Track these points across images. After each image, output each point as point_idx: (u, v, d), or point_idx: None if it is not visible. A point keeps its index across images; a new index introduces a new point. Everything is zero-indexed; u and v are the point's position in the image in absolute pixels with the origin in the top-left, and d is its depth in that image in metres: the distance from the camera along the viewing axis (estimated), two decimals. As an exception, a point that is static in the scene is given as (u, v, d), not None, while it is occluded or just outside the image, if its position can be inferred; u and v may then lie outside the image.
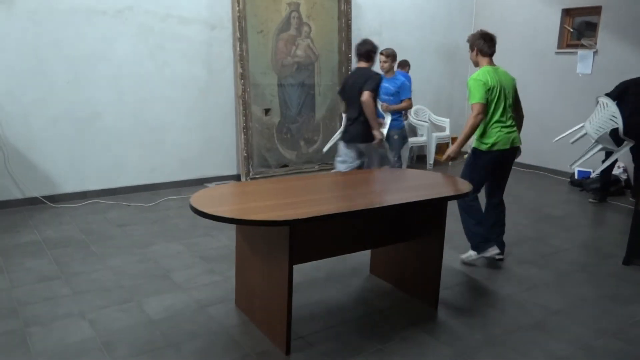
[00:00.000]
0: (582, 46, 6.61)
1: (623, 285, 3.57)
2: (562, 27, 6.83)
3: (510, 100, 3.60)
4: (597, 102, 5.32)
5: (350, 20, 6.54)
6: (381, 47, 7.05)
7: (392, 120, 5.27)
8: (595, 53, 6.45)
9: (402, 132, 5.38)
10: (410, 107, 5.56)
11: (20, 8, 4.63)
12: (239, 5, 5.64)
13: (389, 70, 5.28)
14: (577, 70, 6.66)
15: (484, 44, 3.58)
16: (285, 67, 6.11)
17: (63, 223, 4.42)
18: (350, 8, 6.50)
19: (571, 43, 6.83)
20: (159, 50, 5.38)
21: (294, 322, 2.76)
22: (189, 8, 5.48)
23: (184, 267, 3.65)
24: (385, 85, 5.16)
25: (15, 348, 2.59)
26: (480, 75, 3.51)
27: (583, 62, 6.57)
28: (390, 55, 5.25)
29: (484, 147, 3.58)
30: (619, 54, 6.24)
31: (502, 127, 3.55)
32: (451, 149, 3.64)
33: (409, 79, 5.96)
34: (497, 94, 3.51)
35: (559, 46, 6.85)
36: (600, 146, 5.33)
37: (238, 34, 5.69)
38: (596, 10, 6.45)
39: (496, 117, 3.53)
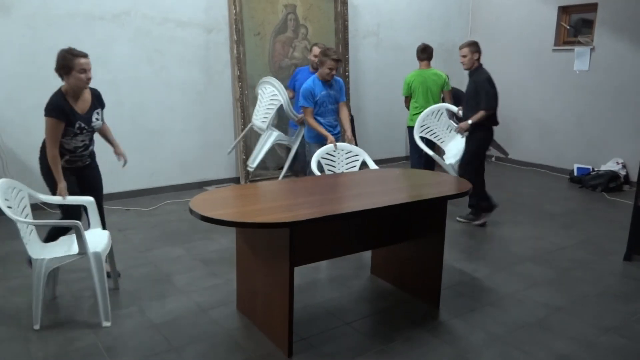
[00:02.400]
0: (579, 43, 6.62)
1: (625, 282, 3.57)
2: (558, 25, 6.84)
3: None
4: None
5: (347, 21, 6.54)
6: (378, 48, 7.12)
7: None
8: (592, 50, 6.46)
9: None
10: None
11: (17, 14, 4.63)
12: (235, 8, 5.64)
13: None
14: (574, 67, 6.67)
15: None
16: (282, 69, 6.11)
17: (63, 229, 4.41)
18: (346, 9, 6.50)
19: (568, 40, 6.83)
20: (156, 54, 5.38)
21: (296, 323, 2.75)
22: (185, 12, 5.48)
23: (185, 270, 3.64)
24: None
25: (18, 356, 2.58)
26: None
27: (580, 58, 6.58)
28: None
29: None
30: (616, 50, 6.25)
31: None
32: None
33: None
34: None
35: (556, 43, 6.86)
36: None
37: (235, 37, 5.69)
38: (592, 7, 6.47)
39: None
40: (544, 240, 4.35)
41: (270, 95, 5.10)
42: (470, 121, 4.43)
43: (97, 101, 3.29)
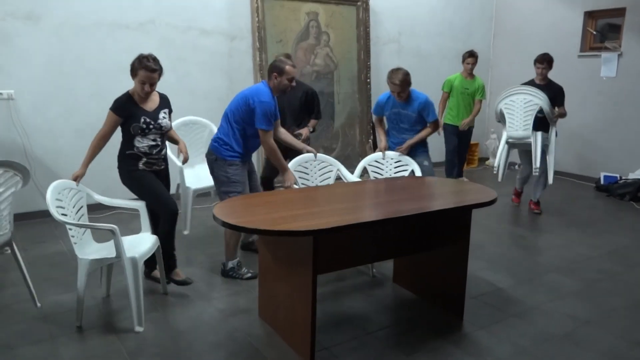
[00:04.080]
0: (606, 49, 6.49)
1: (655, 294, 3.47)
2: (584, 30, 6.72)
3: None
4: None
5: (369, 28, 6.53)
6: (400, 55, 7.09)
7: None
8: (619, 55, 6.33)
9: None
10: None
11: (46, 24, 4.74)
12: (258, 16, 5.69)
13: None
14: (601, 73, 6.54)
15: None
16: (304, 76, 6.12)
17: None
18: (368, 16, 6.50)
19: (594, 46, 6.71)
20: (180, 62, 5.45)
21: (318, 332, 2.74)
22: (209, 20, 5.55)
23: (207, 277, 3.66)
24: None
25: (44, 355, 2.62)
26: None
27: (607, 65, 6.45)
28: None
29: None
30: (645, 56, 6.12)
31: None
32: None
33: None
34: None
35: (582, 49, 6.74)
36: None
37: (257, 44, 5.73)
38: (620, 12, 6.34)
39: None
40: (570, 250, 4.26)
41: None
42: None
43: (165, 103, 3.43)
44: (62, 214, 2.85)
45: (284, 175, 3.62)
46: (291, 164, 3.78)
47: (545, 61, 5.06)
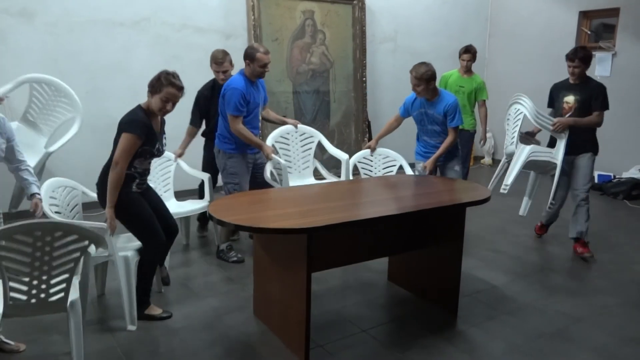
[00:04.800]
0: (601, 48, 6.52)
1: (647, 292, 3.49)
2: (579, 30, 6.75)
3: None
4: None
5: (365, 26, 6.54)
6: (395, 54, 7.10)
7: None
8: (613, 55, 6.36)
9: None
10: None
11: (40, 21, 4.72)
12: (254, 14, 5.68)
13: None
14: (595, 72, 6.56)
15: None
16: (300, 75, 6.12)
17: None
18: (364, 15, 6.50)
19: (589, 45, 6.73)
20: (175, 60, 5.43)
21: (313, 330, 2.74)
22: (204, 18, 5.54)
23: (202, 275, 3.66)
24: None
25: (40, 355, 2.61)
26: None
27: (601, 64, 6.48)
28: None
29: None
30: (638, 55, 6.15)
31: None
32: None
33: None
34: None
35: (577, 49, 6.77)
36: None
37: (253, 43, 5.72)
38: (614, 12, 6.37)
39: None
40: (563, 249, 4.28)
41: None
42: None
43: (164, 125, 3.07)
44: (56, 212, 2.85)
45: (262, 150, 3.76)
46: (272, 135, 4.05)
47: (576, 58, 4.00)
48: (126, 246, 2.99)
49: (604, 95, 3.99)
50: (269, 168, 3.91)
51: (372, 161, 4.29)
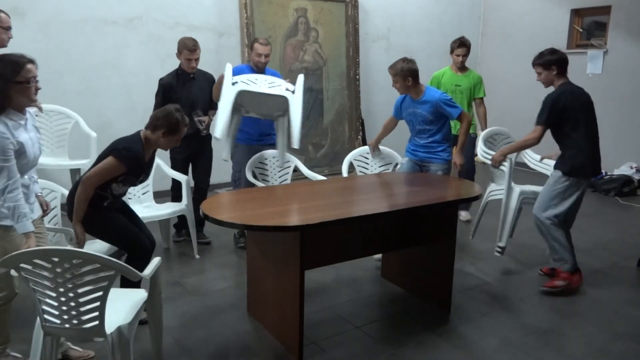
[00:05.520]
0: (592, 46, 6.56)
1: (638, 288, 3.53)
2: (571, 28, 6.79)
3: None
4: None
5: (358, 24, 6.55)
6: (389, 52, 7.11)
7: None
8: (605, 53, 6.40)
9: None
10: None
11: (32, 19, 4.69)
12: (246, 13, 5.68)
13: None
14: (587, 70, 6.61)
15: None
16: (293, 73, 6.12)
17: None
18: (357, 13, 6.51)
19: (581, 43, 6.78)
20: (168, 59, 5.40)
21: (306, 327, 2.75)
22: (197, 16, 5.52)
23: (196, 273, 3.66)
24: None
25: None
26: None
27: (593, 62, 6.52)
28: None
29: None
30: (630, 53, 6.19)
31: None
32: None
33: None
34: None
35: (569, 46, 6.80)
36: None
37: (246, 41, 5.71)
38: (606, 10, 6.41)
39: None
40: (556, 245, 4.30)
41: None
42: None
43: (154, 153, 2.97)
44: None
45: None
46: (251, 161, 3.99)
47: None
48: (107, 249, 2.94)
49: (543, 106, 3.51)
50: (250, 169, 3.95)
51: (368, 159, 4.29)
